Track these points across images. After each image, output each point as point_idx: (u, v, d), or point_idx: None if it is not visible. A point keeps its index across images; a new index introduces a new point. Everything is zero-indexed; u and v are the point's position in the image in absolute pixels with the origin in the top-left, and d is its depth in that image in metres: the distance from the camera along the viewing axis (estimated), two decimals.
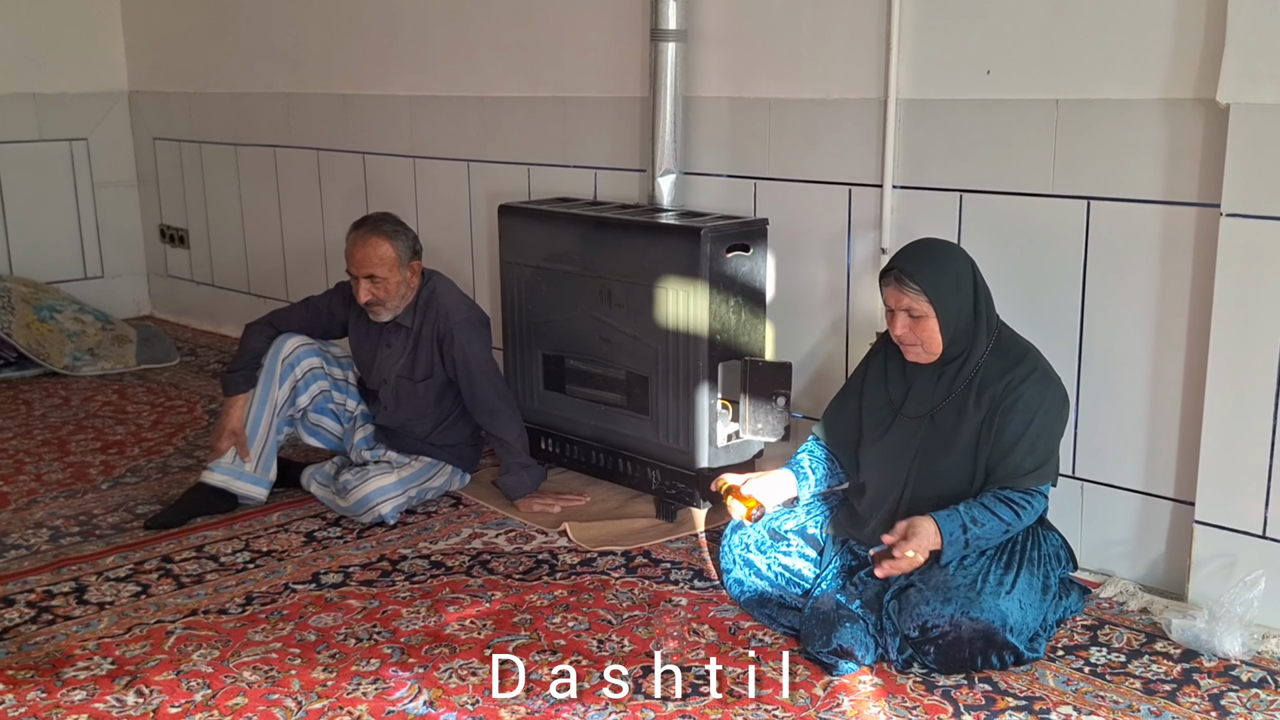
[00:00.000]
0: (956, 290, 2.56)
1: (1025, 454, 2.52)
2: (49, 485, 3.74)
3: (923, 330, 2.56)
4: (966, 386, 2.59)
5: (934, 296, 2.53)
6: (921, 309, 2.54)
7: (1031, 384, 2.55)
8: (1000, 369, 2.57)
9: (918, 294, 2.53)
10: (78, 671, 2.54)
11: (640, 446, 3.40)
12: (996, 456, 2.55)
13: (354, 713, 2.36)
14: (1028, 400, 2.53)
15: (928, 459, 2.62)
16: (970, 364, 2.59)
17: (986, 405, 2.56)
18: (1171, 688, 2.41)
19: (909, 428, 2.66)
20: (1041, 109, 2.86)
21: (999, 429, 2.54)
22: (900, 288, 2.55)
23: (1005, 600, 2.44)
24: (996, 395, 2.55)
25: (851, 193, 3.26)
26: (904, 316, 2.57)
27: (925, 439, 2.63)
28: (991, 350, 2.60)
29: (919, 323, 2.56)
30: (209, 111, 5.56)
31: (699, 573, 3.01)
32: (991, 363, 2.59)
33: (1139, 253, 2.76)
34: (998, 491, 2.53)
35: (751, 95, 3.45)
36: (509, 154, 4.19)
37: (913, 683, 2.44)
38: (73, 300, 5.46)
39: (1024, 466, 2.52)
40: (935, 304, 2.53)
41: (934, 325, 2.55)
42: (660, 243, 3.25)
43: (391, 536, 3.28)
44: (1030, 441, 2.53)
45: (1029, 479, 2.52)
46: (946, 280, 2.55)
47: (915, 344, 2.59)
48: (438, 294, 3.47)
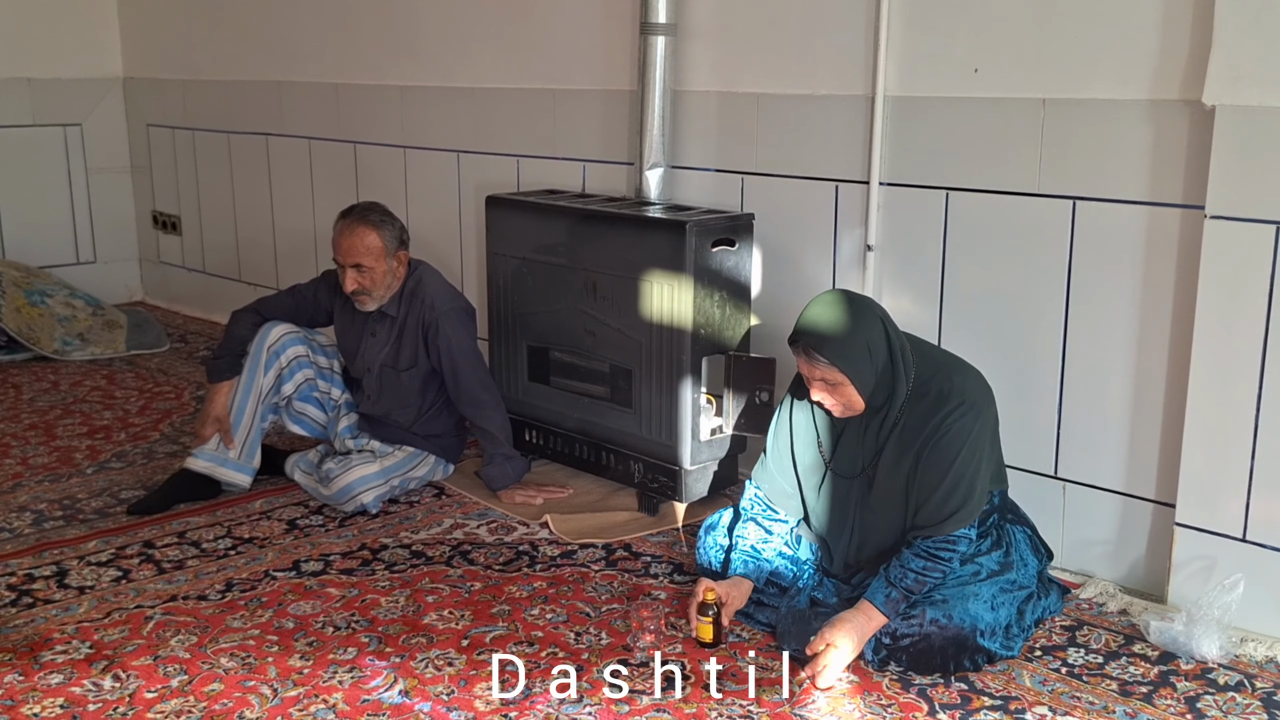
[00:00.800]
0: (869, 355, 2.46)
1: (946, 495, 2.46)
2: (34, 469, 3.74)
3: (842, 395, 2.49)
4: (890, 436, 2.52)
5: (845, 366, 2.44)
6: (835, 378, 2.46)
7: (955, 419, 2.46)
8: (923, 413, 2.49)
9: (829, 366, 2.45)
10: (55, 655, 2.54)
11: (623, 440, 3.40)
12: (921, 496, 2.49)
13: (329, 701, 2.36)
14: (950, 438, 2.45)
15: (869, 513, 2.59)
16: (891, 413, 2.52)
17: (915, 453, 2.50)
18: (1148, 690, 2.41)
19: (843, 486, 2.62)
20: (1028, 108, 2.85)
21: (923, 468, 2.48)
22: (811, 362, 2.47)
23: (975, 603, 2.44)
24: (922, 442, 2.48)
25: (838, 189, 3.26)
26: (820, 384, 2.50)
27: (860, 495, 2.59)
28: (910, 395, 2.51)
29: (836, 389, 2.48)
30: (202, 99, 5.55)
31: (679, 567, 3.01)
32: (913, 407, 2.51)
33: (1123, 253, 2.76)
34: (919, 546, 2.47)
35: (740, 90, 3.45)
36: (498, 145, 4.18)
37: (888, 680, 2.44)
38: (64, 285, 5.45)
39: (945, 509, 2.46)
40: (848, 373, 2.45)
41: (851, 390, 2.47)
42: (646, 236, 3.25)
43: (373, 525, 3.28)
44: (953, 482, 2.46)
45: (950, 523, 2.46)
46: (857, 347, 2.45)
47: (837, 405, 2.52)
48: (423, 284, 3.46)
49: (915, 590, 2.45)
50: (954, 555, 2.47)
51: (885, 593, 2.45)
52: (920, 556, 2.46)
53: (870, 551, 2.59)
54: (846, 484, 2.61)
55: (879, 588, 2.46)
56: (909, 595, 2.44)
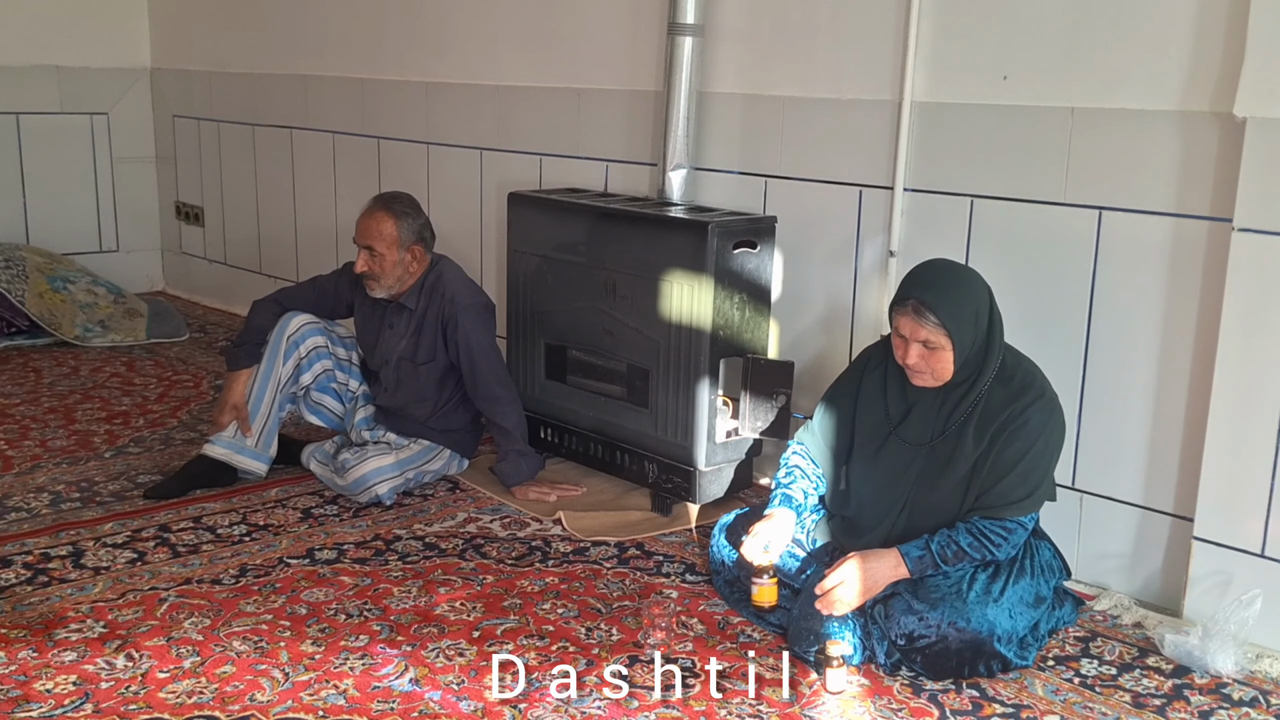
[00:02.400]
0: (974, 323, 2.49)
1: (1017, 483, 2.47)
2: (53, 451, 3.75)
3: (936, 361, 2.50)
4: (969, 415, 2.54)
5: (953, 330, 2.45)
6: (938, 342, 2.47)
7: (1035, 410, 2.49)
8: (1005, 398, 2.51)
9: (936, 327, 2.45)
10: (69, 633, 2.55)
11: (639, 440, 3.40)
12: (989, 480, 2.50)
13: (340, 686, 2.36)
14: (1030, 428, 2.48)
15: (926, 487, 2.58)
16: (975, 391, 2.53)
17: (989, 438, 2.51)
18: (1161, 702, 2.39)
19: (906, 453, 2.61)
20: (1057, 116, 2.85)
21: (997, 453, 2.49)
22: (919, 320, 2.46)
23: (993, 609, 2.43)
24: (1000, 425, 2.50)
25: (862, 194, 3.26)
26: (919, 347, 2.49)
27: (924, 466, 2.59)
28: (996, 378, 2.54)
29: (933, 354, 2.49)
30: (228, 91, 5.58)
31: (691, 567, 3.00)
32: (995, 390, 2.53)
33: (1148, 265, 2.75)
34: (974, 525, 2.48)
35: (766, 93, 3.45)
36: (522, 144, 4.20)
37: (900, 685, 2.43)
38: (86, 272, 5.48)
39: (1011, 495, 2.48)
40: (954, 337, 2.46)
41: (948, 357, 2.48)
42: (667, 236, 3.25)
43: (387, 517, 3.28)
44: (1023, 471, 2.48)
45: (1012, 509, 2.47)
46: (966, 313, 2.48)
47: (925, 373, 2.53)
48: (444, 278, 3.47)
49: (950, 563, 2.45)
50: (1004, 543, 2.48)
51: (921, 552, 2.47)
52: (971, 534, 2.47)
53: (915, 527, 2.57)
54: (910, 453, 2.60)
55: (917, 544, 2.48)
56: (939, 565, 2.45)
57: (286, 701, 2.30)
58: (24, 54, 5.62)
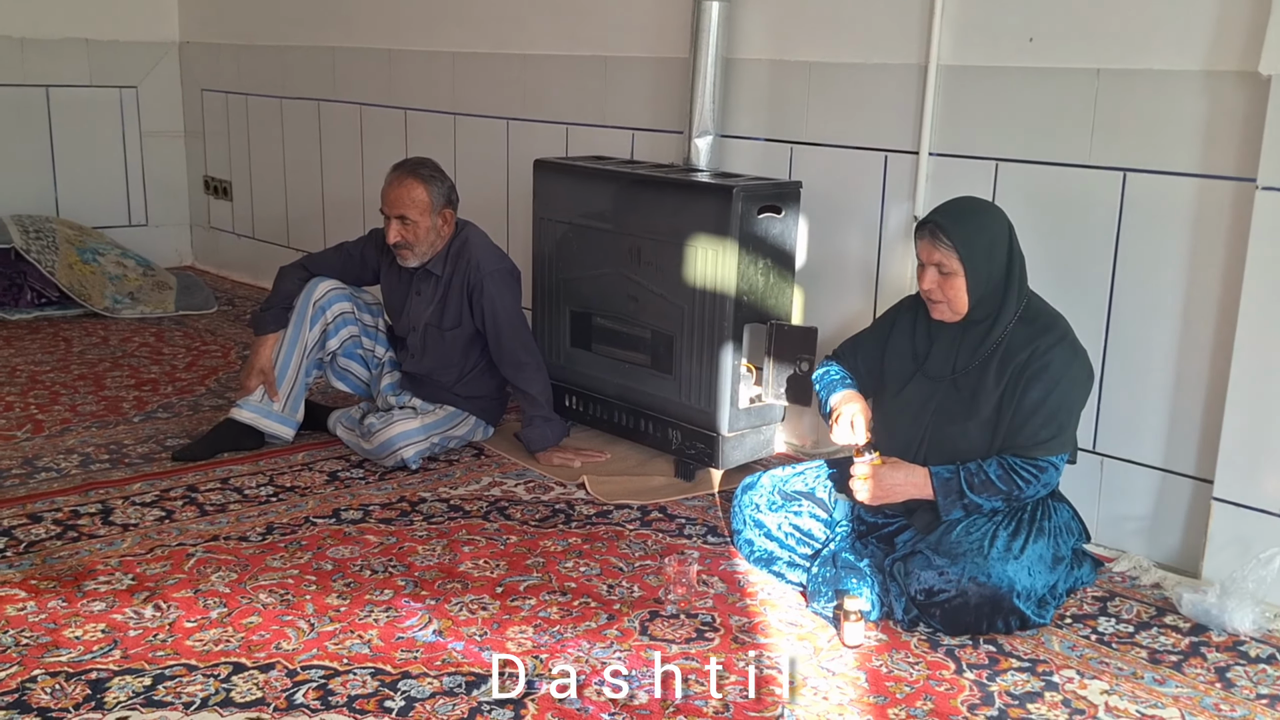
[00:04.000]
0: (989, 253, 2.54)
1: (1042, 423, 2.51)
2: (82, 416, 3.81)
3: (950, 288, 2.55)
4: (991, 353, 2.57)
5: (965, 255, 2.51)
6: (951, 266, 2.52)
7: (1058, 352, 2.52)
8: (1027, 336, 2.55)
9: (949, 251, 2.51)
10: (98, 585, 2.59)
11: (662, 406, 3.42)
12: (1015, 423, 2.53)
13: (364, 637, 2.40)
14: (1053, 370, 2.51)
15: (945, 421, 2.61)
16: (997, 330, 2.57)
17: (1010, 375, 2.54)
18: (1178, 659, 2.40)
19: (927, 387, 2.65)
20: (1082, 78, 2.84)
21: (1020, 395, 2.52)
22: (933, 242, 2.54)
23: (1013, 565, 2.44)
24: (1021, 364, 2.53)
25: (887, 159, 3.26)
26: (933, 271, 2.55)
27: (943, 400, 2.62)
28: (1019, 318, 2.57)
29: (947, 280, 2.54)
30: (256, 64, 5.62)
31: (713, 529, 3.02)
32: (1018, 331, 2.56)
33: (1172, 226, 2.74)
34: (1005, 459, 2.52)
35: (792, 58, 3.45)
36: (548, 113, 4.21)
37: (917, 640, 2.44)
38: (116, 245, 5.54)
39: (1038, 436, 2.51)
40: (965, 263, 2.51)
41: (961, 284, 2.53)
42: (692, 201, 3.26)
43: (412, 480, 3.32)
44: (1049, 411, 2.51)
45: (1041, 449, 2.50)
46: (981, 241, 2.53)
47: (941, 301, 2.57)
48: (470, 244, 3.49)
49: (975, 493, 2.49)
50: (1034, 480, 2.50)
51: (949, 474, 2.51)
52: (1001, 467, 2.51)
53: (934, 461, 2.59)
54: (929, 386, 2.64)
55: (946, 468, 2.52)
56: (964, 494, 2.49)
57: (311, 650, 2.33)
58: (54, 27, 5.68)
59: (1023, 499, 2.52)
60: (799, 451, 3.59)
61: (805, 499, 2.78)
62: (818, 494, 2.79)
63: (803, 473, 2.84)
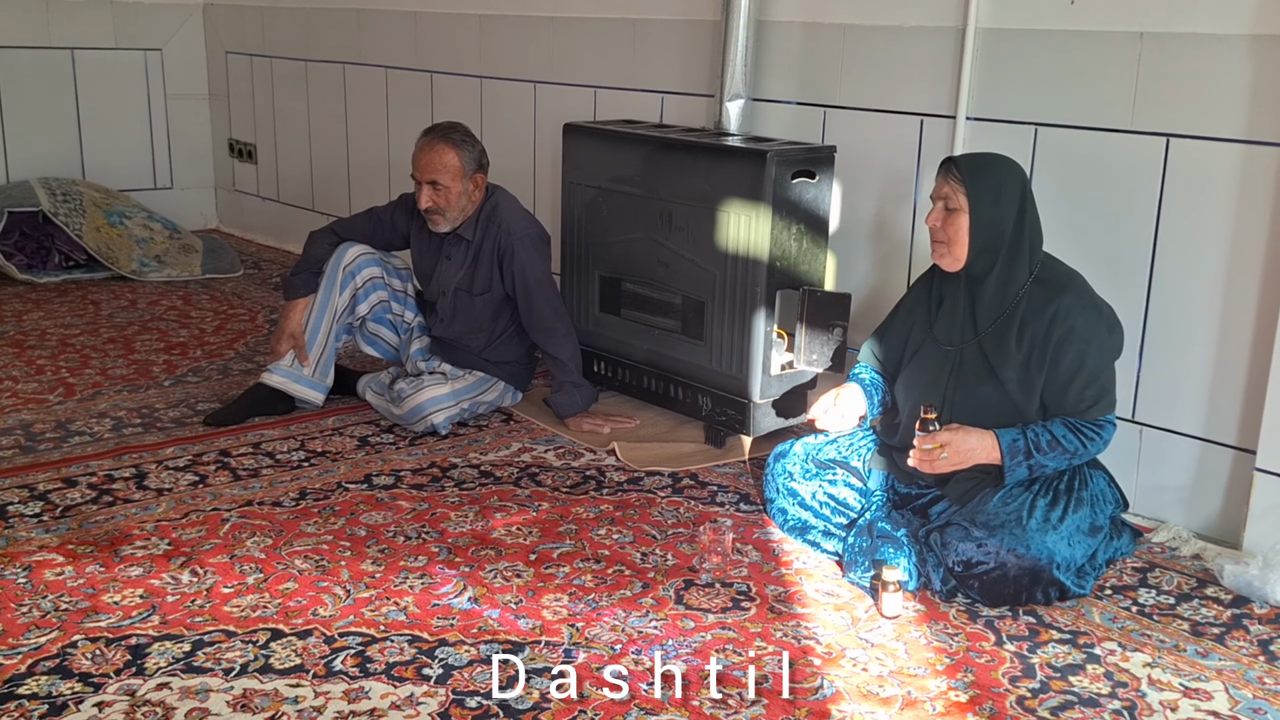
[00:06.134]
0: (996, 197, 2.52)
1: (1084, 386, 2.49)
2: (113, 379, 3.82)
3: (951, 226, 2.54)
4: (1009, 316, 2.54)
5: (971, 193, 2.51)
6: (957, 201, 2.52)
7: (1079, 313, 2.50)
8: (1043, 297, 2.52)
9: (957, 185, 2.52)
10: (135, 550, 2.60)
11: (693, 372, 3.40)
12: (1054, 392, 2.51)
13: (400, 603, 2.40)
14: (1079, 332, 2.48)
15: (967, 385, 2.58)
16: (1010, 291, 2.54)
17: (1029, 340, 2.51)
18: (1220, 631, 2.38)
19: (939, 354, 2.63)
20: (1125, 42, 2.78)
21: (1052, 363, 2.49)
22: (945, 176, 2.55)
23: (1052, 536, 2.42)
24: (1041, 330, 2.50)
25: (923, 123, 3.21)
26: (940, 207, 2.56)
27: (961, 364, 2.59)
28: (1035, 279, 2.55)
29: (950, 217, 2.54)
30: (281, 26, 5.58)
31: (745, 496, 3.01)
32: (1034, 292, 2.54)
33: (1216, 193, 2.69)
34: (1065, 420, 2.50)
35: (826, 20, 3.40)
36: (576, 76, 4.17)
37: (955, 611, 2.43)
38: (142, 208, 5.54)
39: (1085, 400, 2.49)
40: (970, 200, 2.51)
41: (964, 223, 2.52)
42: (724, 165, 3.23)
43: (443, 445, 3.31)
44: (1088, 375, 2.49)
45: (1093, 411, 2.49)
46: (988, 182, 2.53)
47: (942, 241, 2.57)
48: (500, 208, 3.47)
49: (1044, 452, 2.47)
50: (1097, 438, 2.50)
51: (1014, 437, 2.49)
52: (1065, 426, 2.50)
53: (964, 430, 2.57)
54: (943, 354, 2.63)
55: (1011, 431, 2.50)
56: (1031, 454, 2.47)
57: (348, 616, 2.34)
58: None
59: (1086, 458, 2.52)
60: None
61: (839, 467, 2.77)
62: (852, 462, 2.77)
63: (836, 441, 2.82)
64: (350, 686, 2.11)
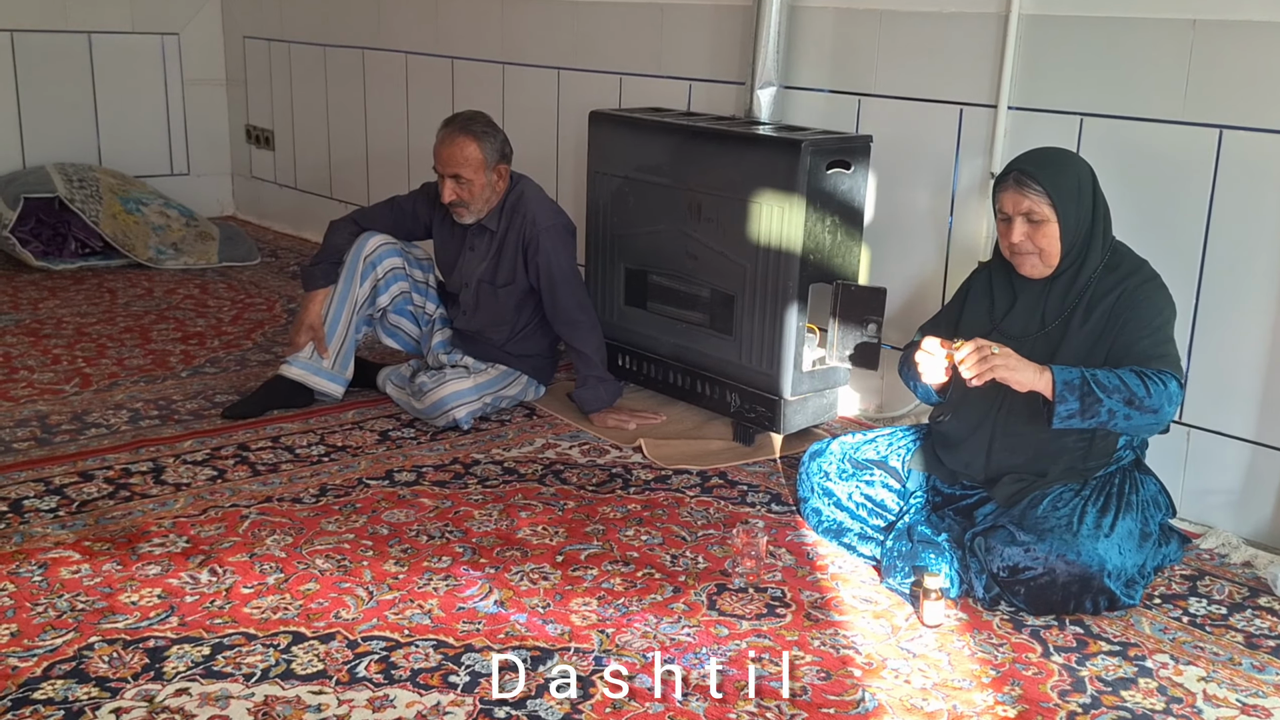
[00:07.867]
0: (1078, 196, 2.42)
1: (1152, 343, 2.35)
2: (130, 370, 3.75)
3: (1042, 237, 2.42)
4: (1076, 304, 2.44)
5: (1056, 199, 2.38)
6: (1042, 213, 2.40)
7: (1147, 288, 2.41)
8: (1112, 282, 2.43)
9: (1039, 196, 2.39)
10: (153, 547, 2.54)
11: (721, 368, 3.32)
12: (1120, 351, 2.36)
13: (425, 606, 2.33)
14: (1152, 299, 2.39)
15: None
16: (1082, 278, 2.44)
17: (1098, 318, 2.42)
18: (1276, 644, 2.29)
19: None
20: (1176, 29, 2.68)
21: (1120, 326, 2.38)
22: (1020, 190, 2.40)
23: (1104, 543, 2.32)
24: (1110, 306, 2.41)
25: (962, 113, 3.11)
26: (1022, 222, 2.42)
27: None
28: (1104, 265, 2.45)
29: (1038, 229, 2.41)
30: (299, 11, 5.50)
31: (776, 497, 2.93)
32: (1104, 278, 2.44)
33: (1272, 186, 2.59)
34: (1131, 367, 2.32)
35: (861, 6, 3.30)
36: (601, 63, 4.08)
37: (1000, 620, 2.34)
38: (159, 195, 5.47)
39: (1152, 353, 2.34)
40: (1058, 207, 2.38)
41: (1054, 231, 2.40)
42: (756, 155, 3.14)
43: (465, 441, 3.24)
44: (1157, 332, 2.36)
45: (1160, 362, 2.33)
46: (1068, 185, 2.41)
47: (1032, 253, 2.44)
48: (525, 199, 3.39)
49: (1106, 392, 2.26)
50: (1163, 388, 2.29)
51: (1070, 374, 2.29)
52: (1134, 372, 2.30)
53: (1013, 432, 2.47)
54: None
55: (1069, 368, 2.31)
56: (1091, 389, 2.26)
57: (371, 620, 2.27)
58: None
59: (1147, 407, 2.28)
60: (865, 417, 3.48)
61: (877, 467, 2.68)
62: (890, 462, 2.68)
63: (874, 440, 2.74)
64: (375, 694, 2.03)
